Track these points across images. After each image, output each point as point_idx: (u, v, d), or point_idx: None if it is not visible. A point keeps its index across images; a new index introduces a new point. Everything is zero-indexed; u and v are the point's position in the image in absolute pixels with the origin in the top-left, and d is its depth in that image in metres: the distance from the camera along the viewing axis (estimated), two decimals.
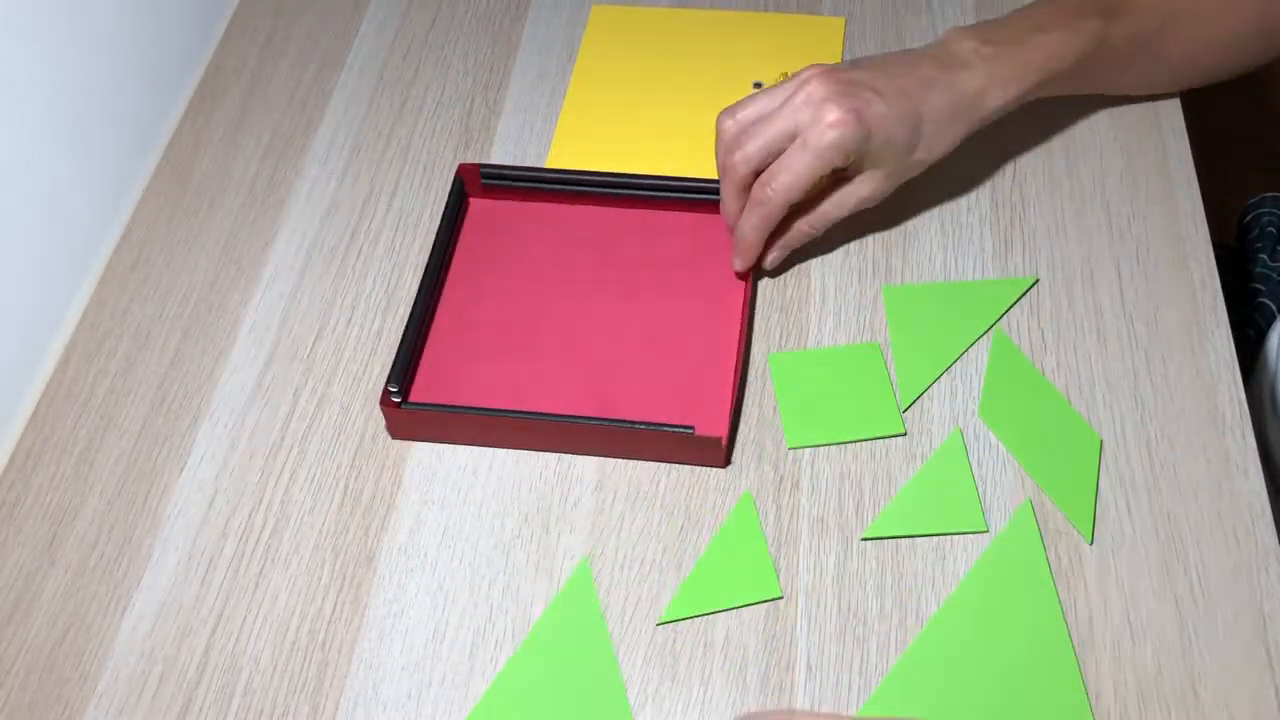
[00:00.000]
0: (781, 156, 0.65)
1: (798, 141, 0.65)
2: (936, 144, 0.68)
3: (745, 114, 0.67)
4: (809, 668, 0.58)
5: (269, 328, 0.72)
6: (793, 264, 0.73)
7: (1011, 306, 0.70)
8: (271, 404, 0.69)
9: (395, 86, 0.85)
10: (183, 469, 0.67)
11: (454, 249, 0.74)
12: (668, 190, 0.74)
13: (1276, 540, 0.61)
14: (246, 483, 0.66)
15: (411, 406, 0.65)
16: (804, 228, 0.70)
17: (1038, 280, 0.71)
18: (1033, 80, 0.69)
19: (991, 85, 0.68)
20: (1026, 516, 0.62)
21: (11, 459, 0.68)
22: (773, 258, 0.71)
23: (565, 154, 0.80)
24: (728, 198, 0.69)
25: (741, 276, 0.71)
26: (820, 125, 0.64)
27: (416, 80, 0.85)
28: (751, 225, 0.68)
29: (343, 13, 0.90)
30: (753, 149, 0.66)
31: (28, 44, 0.70)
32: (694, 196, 0.74)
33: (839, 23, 0.86)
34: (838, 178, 0.69)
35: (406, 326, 0.68)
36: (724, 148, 0.68)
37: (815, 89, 0.65)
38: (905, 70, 0.67)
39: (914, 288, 0.71)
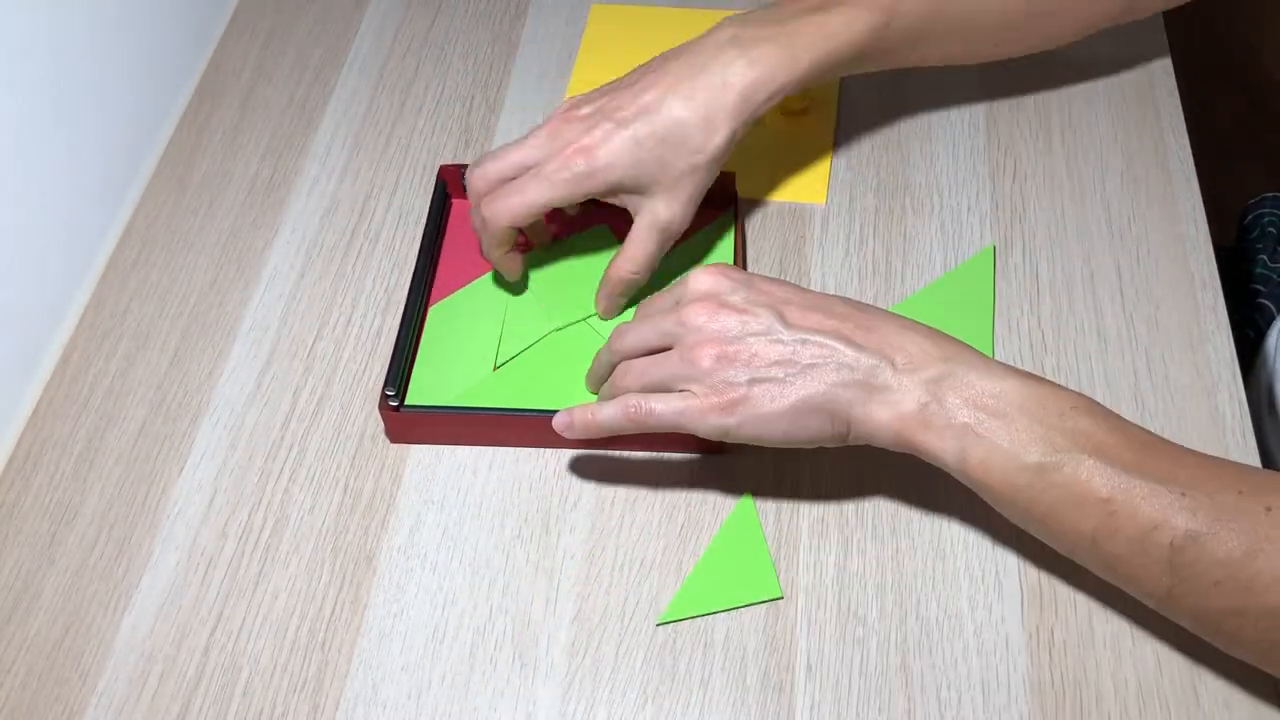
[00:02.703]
0: (514, 182, 0.65)
1: (531, 171, 0.64)
2: (708, 141, 0.64)
3: (492, 165, 0.66)
4: (809, 668, 0.58)
5: (269, 327, 0.72)
6: (793, 263, 0.73)
7: (994, 280, 0.70)
8: (271, 404, 0.69)
9: (395, 86, 0.85)
10: (182, 469, 0.67)
11: (440, 250, 0.74)
12: None
13: None
14: (246, 483, 0.66)
15: (409, 409, 0.65)
16: (619, 272, 0.67)
17: (994, 245, 0.71)
18: (804, 64, 0.65)
19: (750, 72, 0.64)
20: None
21: (11, 459, 0.68)
22: (604, 307, 0.69)
23: None
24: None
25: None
26: (555, 159, 0.63)
27: (416, 79, 0.85)
28: (482, 240, 0.67)
29: (343, 12, 0.90)
30: (492, 170, 0.65)
31: (28, 44, 0.70)
32: None
33: None
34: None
35: (399, 330, 0.68)
36: (473, 193, 0.67)
37: (551, 126, 0.65)
38: (653, 79, 0.65)
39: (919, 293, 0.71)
